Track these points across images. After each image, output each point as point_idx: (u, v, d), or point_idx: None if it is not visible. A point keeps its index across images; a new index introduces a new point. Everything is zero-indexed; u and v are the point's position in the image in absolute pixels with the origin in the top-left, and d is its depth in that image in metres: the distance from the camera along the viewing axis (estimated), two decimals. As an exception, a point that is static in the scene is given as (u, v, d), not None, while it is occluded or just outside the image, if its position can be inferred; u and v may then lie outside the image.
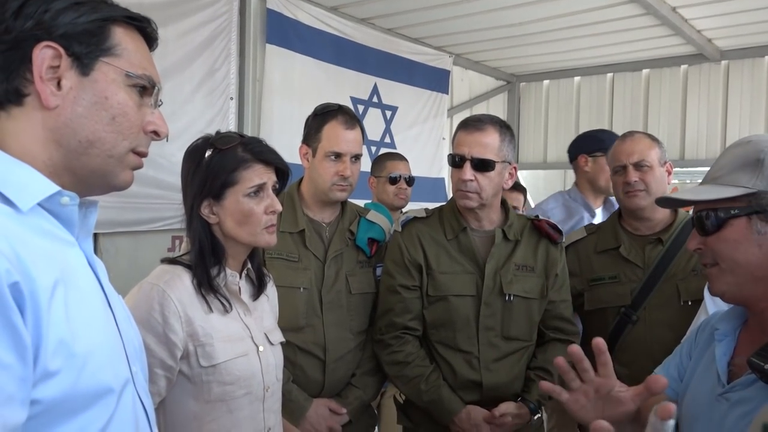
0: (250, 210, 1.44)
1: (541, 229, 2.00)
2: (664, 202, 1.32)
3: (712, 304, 1.71)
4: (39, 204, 0.81)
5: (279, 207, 1.48)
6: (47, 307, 0.73)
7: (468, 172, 1.84)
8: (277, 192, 1.52)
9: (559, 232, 2.00)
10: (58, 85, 0.83)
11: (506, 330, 1.92)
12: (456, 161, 1.88)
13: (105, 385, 0.81)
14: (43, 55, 0.81)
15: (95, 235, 2.99)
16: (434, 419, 1.95)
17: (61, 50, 0.82)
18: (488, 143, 1.86)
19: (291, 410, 1.87)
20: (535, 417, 1.94)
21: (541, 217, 2.06)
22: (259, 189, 1.45)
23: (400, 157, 3.29)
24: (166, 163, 3.02)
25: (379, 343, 2.01)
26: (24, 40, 0.81)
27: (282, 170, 1.52)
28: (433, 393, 1.90)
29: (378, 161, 3.34)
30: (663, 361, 1.37)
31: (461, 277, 1.93)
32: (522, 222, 2.02)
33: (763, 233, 1.07)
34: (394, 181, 3.11)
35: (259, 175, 1.45)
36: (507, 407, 1.90)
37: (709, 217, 1.12)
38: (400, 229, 2.02)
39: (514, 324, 1.92)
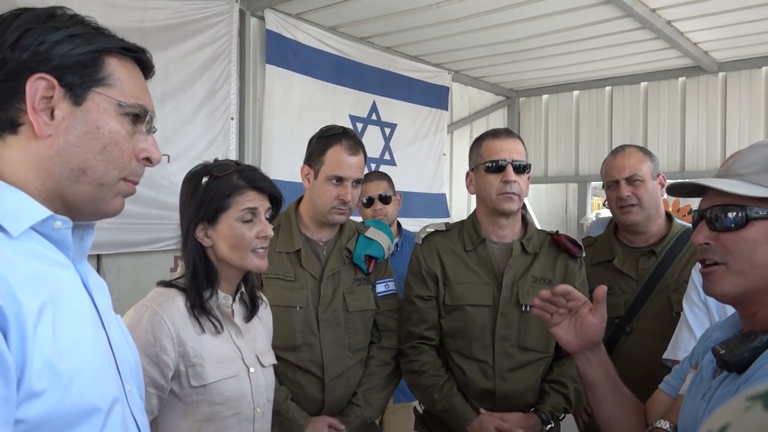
0: (242, 234, 1.49)
1: (560, 244, 2.02)
2: (680, 188, 1.24)
3: (692, 315, 1.72)
4: (33, 228, 0.83)
5: (270, 232, 1.54)
6: (33, 328, 0.75)
7: (512, 174, 1.92)
8: (270, 218, 1.57)
9: (579, 246, 2.02)
10: (52, 114, 0.84)
11: (522, 340, 1.93)
12: (496, 167, 1.94)
13: (91, 404, 0.82)
14: (36, 86, 0.83)
15: (98, 256, 3.02)
16: (450, 429, 1.97)
17: (54, 81, 0.84)
18: (521, 150, 1.98)
19: (289, 428, 1.88)
20: (547, 427, 1.94)
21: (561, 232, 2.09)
22: (252, 214, 1.51)
23: (370, 179, 3.09)
24: (168, 183, 3.07)
25: (400, 353, 2.06)
26: (20, 71, 0.83)
27: (275, 197, 1.58)
28: (446, 402, 1.93)
29: None
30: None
31: (478, 288, 1.96)
32: (541, 236, 2.05)
33: None
34: (369, 204, 3.04)
35: (252, 201, 1.51)
36: (514, 418, 1.91)
37: (730, 214, 1.06)
38: (420, 243, 2.08)
39: (530, 335, 1.93)
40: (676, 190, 1.26)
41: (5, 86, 0.83)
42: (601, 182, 2.32)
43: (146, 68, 0.96)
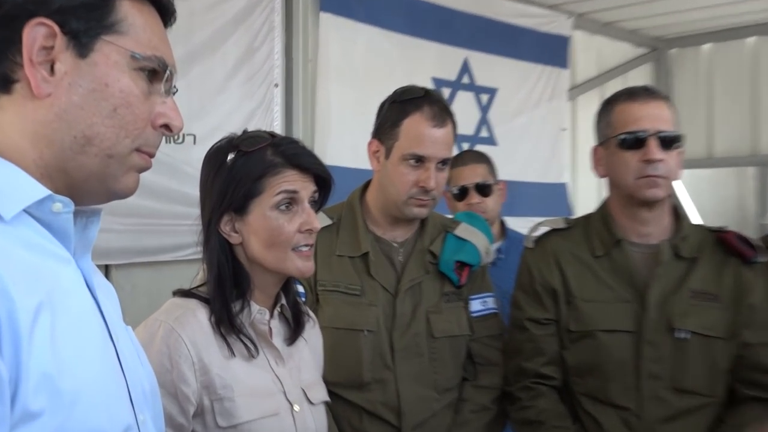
0: (279, 227, 1.51)
1: (728, 244, 1.98)
2: None
3: None
4: (27, 211, 0.86)
5: (317, 224, 1.55)
6: (29, 333, 0.78)
7: (657, 149, 1.89)
8: (318, 207, 1.59)
9: (755, 248, 1.96)
10: (52, 69, 0.88)
11: (678, 380, 1.90)
12: (634, 140, 1.92)
13: (98, 431, 0.84)
14: (35, 33, 0.86)
15: (106, 267, 3.13)
16: None
17: (56, 28, 0.87)
18: (668, 116, 1.95)
19: None
20: None
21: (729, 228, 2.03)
22: (291, 201, 1.52)
23: (464, 161, 3.07)
24: (193, 171, 3.12)
25: (507, 396, 2.06)
26: (16, 16, 0.86)
27: (323, 179, 1.58)
28: None
29: None
30: None
31: (614, 307, 1.95)
32: (701, 234, 2.03)
33: None
34: (461, 195, 3.01)
35: (292, 182, 1.51)
36: None
37: None
38: (531, 246, 2.08)
39: (689, 372, 1.90)
40: None
41: None
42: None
43: (166, 13, 1.00)
